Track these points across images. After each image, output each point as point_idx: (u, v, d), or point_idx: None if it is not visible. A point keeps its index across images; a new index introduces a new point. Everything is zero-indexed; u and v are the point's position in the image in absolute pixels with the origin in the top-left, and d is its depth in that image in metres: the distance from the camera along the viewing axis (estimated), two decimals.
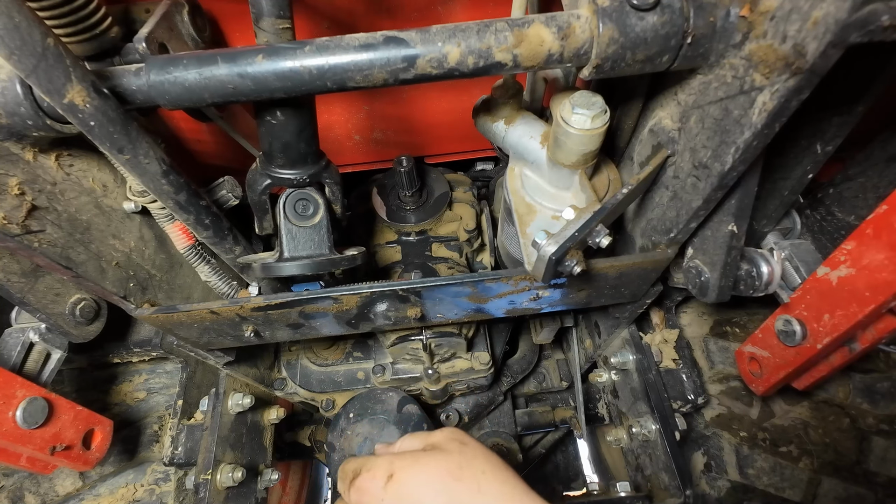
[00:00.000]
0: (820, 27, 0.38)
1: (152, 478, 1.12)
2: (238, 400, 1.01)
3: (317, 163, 0.71)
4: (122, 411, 1.14)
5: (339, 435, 1.07)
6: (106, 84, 0.50)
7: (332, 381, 1.19)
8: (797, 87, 0.42)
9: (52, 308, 0.73)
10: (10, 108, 0.52)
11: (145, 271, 0.80)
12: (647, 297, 0.88)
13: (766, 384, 0.86)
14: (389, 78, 0.50)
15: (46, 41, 0.43)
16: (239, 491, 0.98)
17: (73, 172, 0.70)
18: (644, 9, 0.47)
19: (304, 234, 0.74)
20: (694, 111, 0.57)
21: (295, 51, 0.49)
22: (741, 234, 0.65)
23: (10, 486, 1.05)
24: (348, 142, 1.07)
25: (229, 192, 0.80)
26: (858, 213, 0.79)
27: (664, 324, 1.11)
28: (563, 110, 0.62)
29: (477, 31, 0.49)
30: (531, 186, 0.75)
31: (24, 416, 0.73)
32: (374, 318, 0.80)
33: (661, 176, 0.67)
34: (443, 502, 0.60)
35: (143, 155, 0.55)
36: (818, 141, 0.67)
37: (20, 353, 0.79)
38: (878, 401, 1.08)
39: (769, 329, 0.80)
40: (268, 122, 0.63)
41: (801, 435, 1.11)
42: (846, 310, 0.66)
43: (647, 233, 0.76)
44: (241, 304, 0.73)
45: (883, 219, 0.59)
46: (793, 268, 0.79)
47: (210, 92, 0.51)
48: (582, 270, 0.61)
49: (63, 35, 0.61)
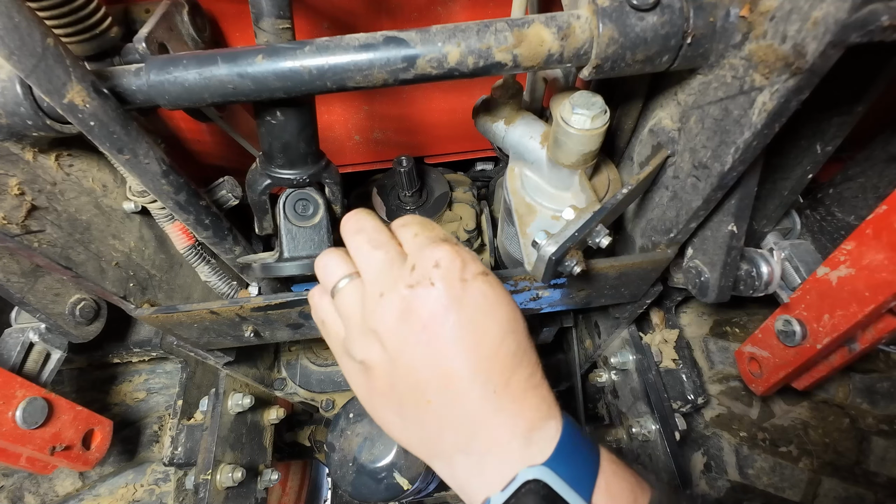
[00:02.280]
0: (820, 27, 0.38)
1: (152, 478, 1.12)
2: (238, 400, 1.01)
3: (317, 163, 0.71)
4: (121, 411, 1.14)
5: (339, 435, 1.07)
6: (106, 84, 0.50)
7: (331, 381, 1.19)
8: (797, 88, 0.42)
9: (51, 308, 0.73)
10: (9, 108, 0.52)
11: (145, 271, 0.80)
12: (646, 297, 0.88)
13: (766, 384, 0.86)
14: (389, 78, 0.50)
15: (46, 41, 0.43)
16: (239, 491, 0.98)
17: (73, 172, 0.70)
18: (644, 9, 0.47)
19: (304, 234, 0.74)
20: (694, 111, 0.57)
21: (295, 51, 0.49)
22: (741, 234, 0.65)
23: (10, 487, 1.05)
24: (348, 142, 1.07)
25: (229, 192, 0.80)
26: (858, 213, 0.79)
27: (664, 324, 1.11)
28: (563, 110, 0.62)
29: (477, 32, 0.49)
30: (531, 186, 0.75)
31: (23, 416, 0.73)
32: None
33: (661, 176, 0.67)
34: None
35: (142, 155, 0.55)
36: (818, 141, 0.67)
37: (20, 354, 0.79)
38: (878, 401, 1.08)
39: (769, 329, 0.80)
40: (268, 122, 0.63)
41: (800, 435, 1.11)
42: (846, 310, 0.66)
43: (647, 233, 0.76)
44: (241, 304, 0.73)
45: (883, 219, 0.59)
46: (792, 268, 0.79)
47: (210, 92, 0.51)
48: (582, 270, 0.61)
49: (63, 35, 0.61)
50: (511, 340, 0.45)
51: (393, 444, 1.04)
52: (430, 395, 0.44)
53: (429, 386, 0.44)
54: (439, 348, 0.43)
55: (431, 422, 0.44)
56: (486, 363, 0.43)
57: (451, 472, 0.45)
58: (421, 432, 0.46)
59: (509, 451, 0.43)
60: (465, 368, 0.43)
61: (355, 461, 1.04)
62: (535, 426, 0.44)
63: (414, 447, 0.47)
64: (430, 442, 0.46)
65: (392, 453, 1.04)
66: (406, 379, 0.44)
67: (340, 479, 1.04)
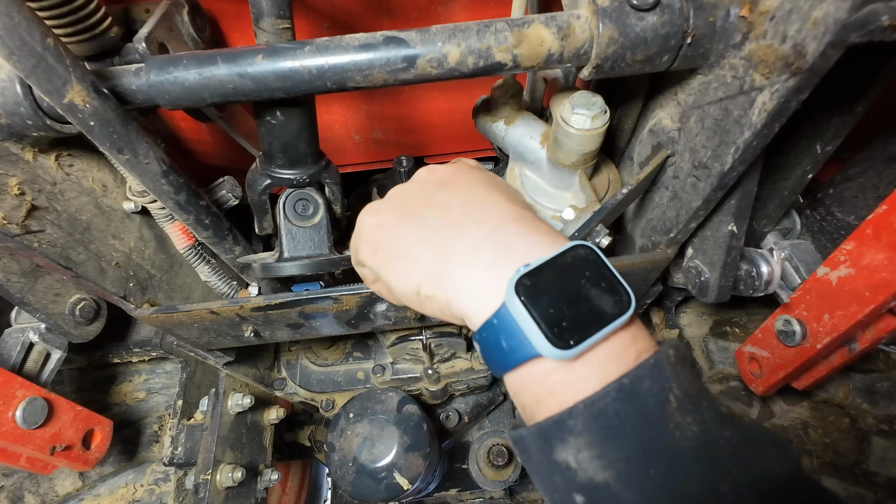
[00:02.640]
0: (820, 27, 0.38)
1: (152, 478, 1.12)
2: (238, 400, 1.00)
3: (317, 163, 0.71)
4: (121, 411, 1.14)
5: (339, 435, 1.07)
6: (106, 84, 0.50)
7: (331, 381, 1.19)
8: (797, 88, 0.42)
9: (51, 308, 0.73)
10: (9, 108, 0.52)
11: (145, 271, 0.80)
12: (646, 297, 0.88)
13: (766, 384, 0.86)
14: (389, 78, 0.50)
15: (46, 41, 0.43)
16: (239, 491, 0.98)
17: (72, 172, 0.70)
18: (644, 9, 0.47)
19: (304, 234, 0.74)
20: (694, 111, 0.57)
21: (295, 51, 0.49)
22: (741, 234, 0.65)
23: (10, 487, 1.05)
24: (348, 142, 1.07)
25: (229, 192, 0.80)
26: (858, 213, 0.79)
27: (664, 324, 1.11)
28: (563, 110, 0.62)
29: (477, 32, 0.49)
30: (531, 186, 0.75)
31: (23, 416, 0.73)
32: (374, 318, 0.80)
33: (660, 176, 0.67)
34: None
35: (142, 155, 0.55)
36: (818, 141, 0.67)
37: (20, 353, 0.79)
38: (878, 401, 1.08)
39: (769, 329, 0.80)
40: (268, 122, 0.63)
41: (800, 435, 1.11)
42: (846, 310, 0.66)
43: (646, 233, 0.76)
44: (241, 304, 0.73)
45: (883, 219, 0.59)
46: (792, 268, 0.79)
47: (210, 92, 0.51)
48: None
49: (63, 35, 0.61)
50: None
51: (393, 444, 1.04)
52: (456, 205, 0.47)
53: (460, 197, 0.48)
54: (471, 182, 0.50)
55: (452, 224, 0.45)
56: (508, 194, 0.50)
57: (464, 279, 0.43)
58: (439, 238, 0.45)
59: (543, 235, 0.43)
60: (492, 194, 0.48)
61: (355, 461, 1.04)
62: (558, 239, 0.43)
63: (426, 262, 0.45)
64: (446, 247, 0.44)
65: (392, 453, 1.04)
66: (436, 194, 0.49)
67: (340, 479, 1.04)
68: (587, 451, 0.36)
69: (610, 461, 0.35)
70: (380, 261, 0.49)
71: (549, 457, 0.37)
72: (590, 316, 0.37)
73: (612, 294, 0.38)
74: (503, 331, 0.39)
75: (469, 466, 1.31)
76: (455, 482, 1.32)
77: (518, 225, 0.44)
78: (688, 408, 0.35)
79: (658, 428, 0.35)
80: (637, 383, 0.36)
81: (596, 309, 0.37)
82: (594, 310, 0.37)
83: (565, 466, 0.37)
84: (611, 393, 0.35)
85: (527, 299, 0.37)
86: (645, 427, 0.35)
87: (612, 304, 0.38)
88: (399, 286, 0.47)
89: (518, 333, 0.38)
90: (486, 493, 1.35)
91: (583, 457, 0.36)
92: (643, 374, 0.36)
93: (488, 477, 1.28)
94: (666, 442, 0.34)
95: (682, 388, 0.36)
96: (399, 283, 0.47)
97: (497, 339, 0.40)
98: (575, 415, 0.36)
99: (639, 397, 0.35)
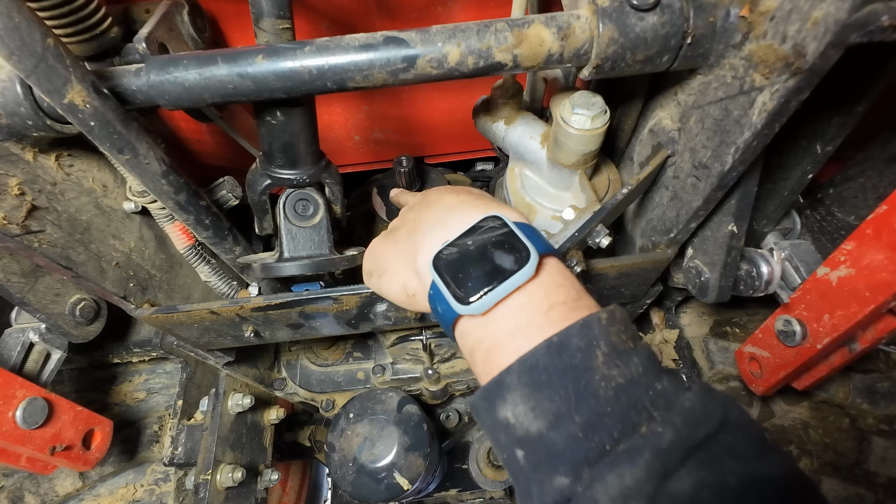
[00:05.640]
0: (820, 27, 0.38)
1: (152, 478, 1.12)
2: (238, 400, 1.00)
3: (317, 163, 0.71)
4: (122, 411, 1.14)
5: (339, 435, 1.07)
6: (106, 84, 0.50)
7: (331, 382, 1.19)
8: (797, 88, 0.43)
9: (52, 308, 0.73)
10: (10, 108, 0.52)
11: (145, 271, 0.80)
12: (647, 297, 0.88)
13: (766, 384, 0.86)
14: (389, 78, 0.50)
15: (46, 41, 0.43)
16: (239, 491, 0.98)
17: (73, 172, 0.70)
18: (644, 9, 0.47)
19: (304, 235, 0.74)
20: (694, 111, 0.57)
21: (295, 51, 0.49)
22: (741, 234, 0.65)
23: (10, 487, 1.05)
24: (348, 142, 1.07)
25: (229, 192, 0.80)
26: (858, 213, 0.79)
27: (664, 324, 1.11)
28: (563, 110, 0.62)
29: (477, 32, 0.49)
30: (531, 187, 0.75)
31: (23, 416, 0.73)
32: (374, 318, 0.80)
33: (661, 176, 0.67)
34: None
35: (143, 155, 0.55)
36: (818, 141, 0.67)
37: (20, 354, 0.79)
38: (878, 401, 1.08)
39: (769, 329, 0.80)
40: (268, 123, 0.63)
41: (801, 435, 1.10)
42: (846, 310, 0.66)
43: (647, 233, 0.76)
44: (241, 304, 0.73)
45: (883, 219, 0.59)
46: (793, 268, 0.79)
47: (210, 92, 0.51)
48: (582, 270, 0.61)
49: (63, 35, 0.61)
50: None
51: (393, 444, 1.04)
52: (422, 219, 0.55)
53: (425, 211, 0.56)
54: (437, 196, 0.58)
55: (419, 231, 0.53)
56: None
57: (425, 257, 0.49)
58: (410, 245, 0.53)
59: (473, 212, 0.49)
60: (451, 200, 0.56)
61: (355, 461, 1.04)
62: (482, 214, 0.49)
63: (402, 266, 0.54)
64: (415, 250, 0.51)
65: (392, 453, 1.04)
66: (406, 216, 0.60)
67: (340, 479, 1.04)
68: (522, 405, 0.39)
69: (542, 412, 0.38)
70: (375, 281, 0.59)
71: (493, 415, 0.41)
72: (491, 274, 0.42)
73: (512, 253, 0.43)
74: (436, 299, 0.46)
75: (469, 466, 1.30)
76: (455, 482, 1.32)
77: (459, 211, 0.51)
78: (615, 362, 0.39)
79: (585, 379, 0.38)
80: (566, 340, 0.39)
81: (497, 267, 0.43)
82: (495, 268, 0.43)
83: (506, 423, 0.40)
84: (541, 349, 0.39)
85: (440, 268, 0.45)
86: (572, 378, 0.38)
87: (512, 262, 0.43)
88: (390, 294, 0.56)
89: (442, 298, 0.44)
90: (486, 493, 1.35)
91: (519, 411, 0.39)
92: (572, 332, 0.40)
93: (488, 477, 1.28)
94: (592, 391, 0.38)
95: (611, 345, 0.40)
96: (390, 291, 0.56)
97: (435, 307, 0.47)
98: (511, 372, 0.40)
99: (567, 351, 0.39)
